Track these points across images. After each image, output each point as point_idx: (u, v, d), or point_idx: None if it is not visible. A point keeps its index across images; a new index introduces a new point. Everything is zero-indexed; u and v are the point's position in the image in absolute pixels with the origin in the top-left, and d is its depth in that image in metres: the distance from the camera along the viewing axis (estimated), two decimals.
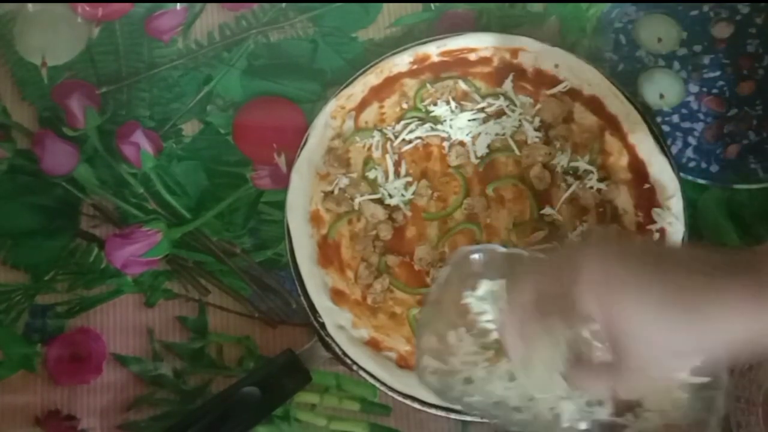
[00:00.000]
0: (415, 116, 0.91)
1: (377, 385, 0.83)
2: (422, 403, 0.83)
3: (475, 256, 0.70)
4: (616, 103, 0.89)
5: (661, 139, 0.88)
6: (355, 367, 0.84)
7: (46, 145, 0.89)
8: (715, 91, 0.95)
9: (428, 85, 0.91)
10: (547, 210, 0.88)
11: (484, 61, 0.92)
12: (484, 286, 0.68)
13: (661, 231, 0.86)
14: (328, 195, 0.89)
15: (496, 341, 0.68)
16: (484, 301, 0.68)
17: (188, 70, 0.96)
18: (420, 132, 0.90)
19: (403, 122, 0.91)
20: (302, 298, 0.86)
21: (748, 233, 0.90)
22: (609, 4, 0.97)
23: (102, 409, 0.86)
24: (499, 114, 0.91)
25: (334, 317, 0.84)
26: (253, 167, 0.92)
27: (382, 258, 0.87)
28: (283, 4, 0.98)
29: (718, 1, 0.96)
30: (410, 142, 0.90)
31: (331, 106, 0.90)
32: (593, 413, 0.67)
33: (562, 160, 0.89)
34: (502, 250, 0.70)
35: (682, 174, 0.89)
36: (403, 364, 0.84)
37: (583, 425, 0.67)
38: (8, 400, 0.86)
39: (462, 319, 0.68)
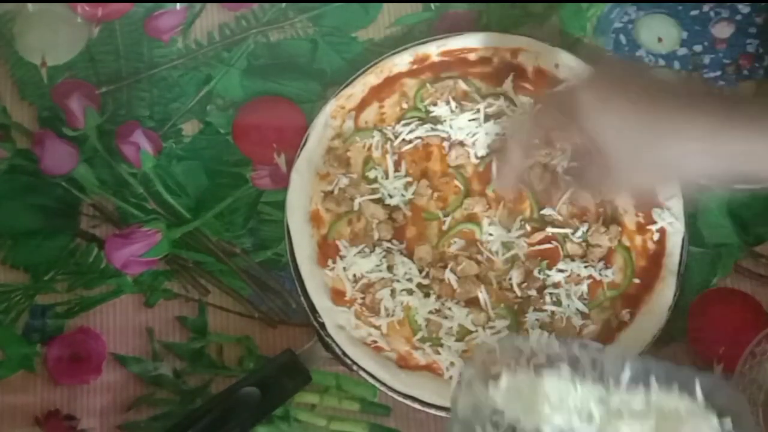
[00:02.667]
0: (415, 116, 0.91)
1: (377, 385, 0.83)
2: (422, 403, 0.83)
3: (491, 349, 0.71)
4: None
5: None
6: (355, 367, 0.84)
7: (46, 145, 0.89)
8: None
9: (428, 85, 0.91)
10: (547, 210, 0.88)
11: (484, 61, 0.92)
12: (505, 379, 0.68)
13: (662, 231, 0.86)
14: (328, 195, 0.89)
15: None
16: (508, 395, 0.68)
17: (188, 70, 0.96)
18: (420, 132, 0.90)
19: (403, 122, 0.91)
20: (302, 298, 0.86)
21: (748, 233, 0.90)
22: (609, 4, 0.97)
23: (102, 409, 0.86)
24: (500, 114, 0.91)
25: (334, 317, 0.85)
26: (253, 167, 0.92)
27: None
28: (283, 4, 0.98)
29: (719, 0, 0.96)
30: (410, 142, 0.90)
31: (331, 106, 0.90)
32: None
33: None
34: (519, 338, 0.71)
35: None
36: (402, 364, 0.84)
37: None
38: (8, 400, 0.86)
39: (489, 413, 0.69)
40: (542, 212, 0.88)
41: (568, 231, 0.87)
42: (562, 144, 0.89)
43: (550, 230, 0.87)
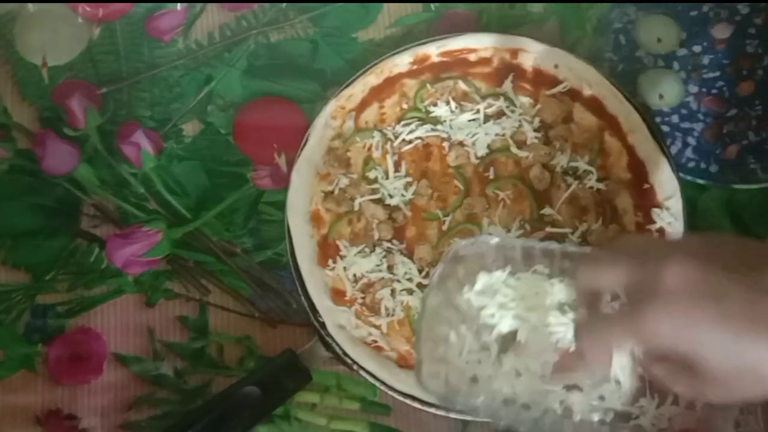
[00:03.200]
0: (415, 116, 0.91)
1: (377, 384, 0.84)
2: (422, 403, 0.83)
3: (469, 250, 0.69)
4: (616, 103, 0.89)
5: (660, 140, 0.89)
6: (355, 367, 0.84)
7: (47, 145, 0.89)
8: (714, 91, 0.95)
9: (428, 86, 0.92)
10: (547, 210, 0.88)
11: (484, 61, 0.92)
12: (483, 280, 0.68)
13: (661, 231, 0.86)
14: (328, 195, 0.89)
15: (500, 336, 0.67)
16: (483, 296, 0.68)
17: (189, 71, 0.96)
18: (420, 132, 0.90)
19: (403, 122, 0.91)
20: (302, 297, 0.86)
21: (748, 233, 0.90)
22: (609, 4, 0.97)
23: (102, 409, 0.86)
24: (499, 114, 0.91)
25: (334, 317, 0.85)
26: (253, 167, 0.92)
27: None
28: (283, 5, 0.98)
29: (718, 1, 0.96)
30: (410, 142, 0.90)
31: (331, 106, 0.90)
32: (605, 402, 0.66)
33: (561, 161, 0.89)
34: (495, 240, 0.69)
35: (681, 174, 0.89)
36: (403, 363, 0.85)
37: (595, 417, 0.67)
38: (9, 399, 0.86)
39: (461, 317, 0.68)
40: (542, 212, 0.88)
41: (567, 231, 0.87)
42: (561, 143, 0.89)
43: (549, 230, 0.87)
